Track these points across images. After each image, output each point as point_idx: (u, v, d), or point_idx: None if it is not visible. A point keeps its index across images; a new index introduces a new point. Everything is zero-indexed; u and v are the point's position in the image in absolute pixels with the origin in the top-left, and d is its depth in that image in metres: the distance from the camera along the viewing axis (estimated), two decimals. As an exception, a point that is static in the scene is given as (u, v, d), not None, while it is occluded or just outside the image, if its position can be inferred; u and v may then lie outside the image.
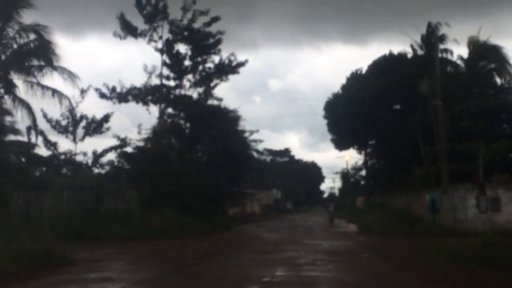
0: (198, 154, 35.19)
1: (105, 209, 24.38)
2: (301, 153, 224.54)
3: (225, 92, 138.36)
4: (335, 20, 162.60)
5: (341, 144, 45.39)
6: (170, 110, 34.39)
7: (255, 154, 65.55)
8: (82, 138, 24.67)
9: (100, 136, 25.25)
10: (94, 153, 25.16)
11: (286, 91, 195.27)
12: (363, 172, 63.21)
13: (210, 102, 35.02)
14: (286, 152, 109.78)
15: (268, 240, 20.94)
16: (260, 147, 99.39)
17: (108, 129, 25.27)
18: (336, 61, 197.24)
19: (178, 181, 28.79)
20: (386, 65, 40.31)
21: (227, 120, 36.06)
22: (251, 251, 15.80)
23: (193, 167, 32.29)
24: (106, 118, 24.92)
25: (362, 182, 69.06)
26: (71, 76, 25.99)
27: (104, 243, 20.10)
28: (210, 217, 31.33)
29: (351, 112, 39.18)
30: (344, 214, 52.44)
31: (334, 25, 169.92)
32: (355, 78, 43.23)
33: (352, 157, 67.94)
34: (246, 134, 38.03)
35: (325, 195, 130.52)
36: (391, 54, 41.41)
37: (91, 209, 23.67)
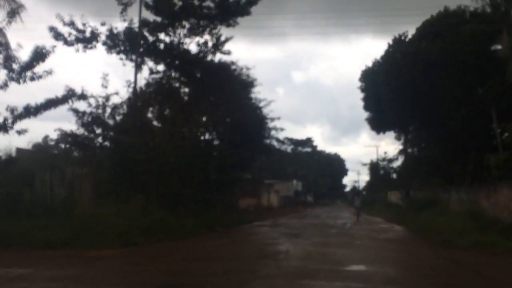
0: (198, 126, 25.65)
1: (34, 195, 15.15)
2: (323, 147, 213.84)
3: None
4: (366, 12, 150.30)
5: (379, 124, 35.16)
6: (159, 67, 25.00)
7: (275, 143, 56.32)
8: (4, 85, 15.39)
9: (39, 85, 15.78)
10: (26, 108, 15.62)
11: (310, 84, 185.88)
12: (396, 164, 53.68)
13: (213, 57, 25.40)
14: (308, 141, 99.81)
15: (285, 260, 11.25)
16: (281, 135, 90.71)
17: (49, 73, 15.88)
18: (365, 54, 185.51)
19: (161, 159, 19.49)
20: (441, 25, 30.20)
21: (237, 84, 26.63)
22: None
23: (188, 142, 23.00)
24: (40, 54, 15.48)
25: (394, 175, 59.42)
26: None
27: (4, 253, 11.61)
28: (209, 210, 22.31)
29: (396, 83, 29.33)
30: (377, 210, 42.61)
31: (365, 17, 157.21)
32: (400, 43, 33.17)
33: (383, 147, 57.97)
34: (261, 105, 28.54)
35: (348, 189, 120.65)
36: (446, 11, 31.23)
37: (9, 194, 14.52)
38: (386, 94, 30.40)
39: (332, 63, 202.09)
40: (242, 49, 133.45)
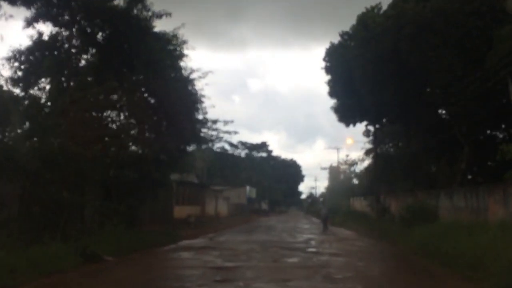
0: (102, 106, 17.32)
1: None
2: (280, 153, 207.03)
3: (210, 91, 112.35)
4: (324, 20, 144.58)
5: (349, 113, 27.23)
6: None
7: (227, 147, 48.08)
8: None
9: None
10: None
11: (267, 92, 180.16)
12: (361, 167, 46.86)
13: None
14: (263, 146, 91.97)
15: None
16: (235, 139, 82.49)
17: None
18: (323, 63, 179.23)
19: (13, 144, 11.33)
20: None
21: (160, 48, 18.59)
22: None
23: (79, 123, 14.84)
24: None
25: (355, 181, 52.62)
26: None
27: None
28: (107, 226, 14.41)
29: (374, 53, 22.09)
30: (342, 220, 35.00)
31: (323, 25, 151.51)
32: (374, 13, 25.66)
33: (349, 144, 51.06)
34: (193, 76, 20.45)
35: (304, 196, 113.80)
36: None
37: None
38: (361, 69, 22.89)
39: (289, 71, 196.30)
40: (200, 56, 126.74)
